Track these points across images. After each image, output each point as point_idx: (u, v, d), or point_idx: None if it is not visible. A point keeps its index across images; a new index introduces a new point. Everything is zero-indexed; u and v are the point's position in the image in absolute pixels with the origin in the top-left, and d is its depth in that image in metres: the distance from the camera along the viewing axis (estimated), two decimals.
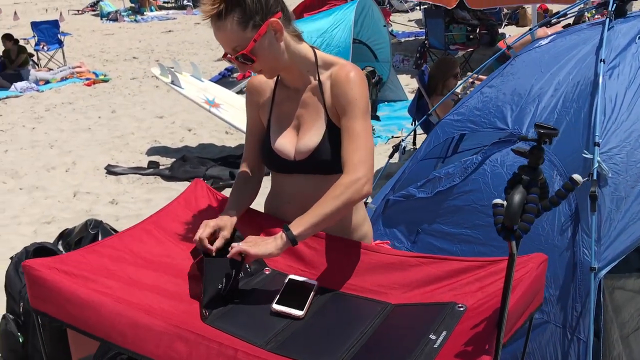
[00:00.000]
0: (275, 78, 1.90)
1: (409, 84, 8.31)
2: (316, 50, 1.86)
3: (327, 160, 1.80)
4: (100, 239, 3.90)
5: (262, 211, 2.01)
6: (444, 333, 1.44)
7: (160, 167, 5.70)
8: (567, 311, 2.20)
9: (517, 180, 1.29)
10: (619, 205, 2.20)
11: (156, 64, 7.42)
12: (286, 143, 1.85)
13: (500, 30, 10.49)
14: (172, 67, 5.90)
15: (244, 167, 1.99)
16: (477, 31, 9.93)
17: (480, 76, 5.65)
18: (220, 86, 6.35)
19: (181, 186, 5.33)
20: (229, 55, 1.73)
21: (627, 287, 2.40)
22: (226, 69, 9.15)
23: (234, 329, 1.51)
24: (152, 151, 6.25)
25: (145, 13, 18.12)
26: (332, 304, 1.64)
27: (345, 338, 1.48)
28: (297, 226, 1.65)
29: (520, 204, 1.22)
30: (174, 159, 5.87)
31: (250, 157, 1.98)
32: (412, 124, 5.42)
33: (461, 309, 1.53)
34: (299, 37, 1.81)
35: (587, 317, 2.15)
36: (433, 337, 1.43)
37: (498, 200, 1.29)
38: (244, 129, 2.06)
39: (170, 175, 5.50)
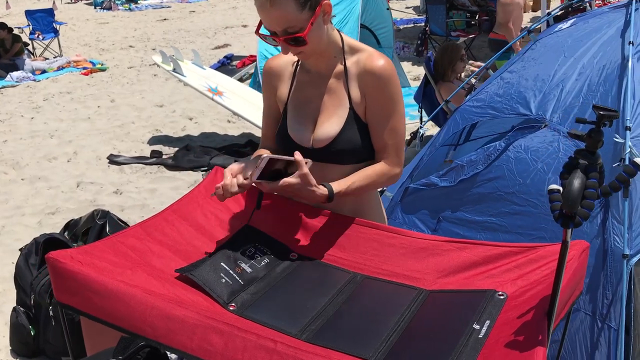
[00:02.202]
0: (294, 59, 1.84)
1: (410, 71, 8.24)
2: (342, 35, 1.80)
3: (345, 150, 1.75)
4: (107, 229, 3.85)
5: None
6: (488, 322, 1.39)
7: (164, 157, 5.63)
8: (597, 299, 2.16)
9: (573, 164, 1.24)
10: None
11: (155, 52, 7.32)
12: (304, 129, 1.79)
13: None
14: (173, 55, 5.80)
15: (262, 150, 1.95)
16: (477, 17, 9.86)
17: (476, 62, 5.62)
18: (222, 74, 6.26)
19: (185, 175, 5.27)
20: (269, 36, 1.66)
21: None
22: (225, 57, 9.04)
23: (265, 319, 1.46)
24: (154, 140, 6.17)
25: (139, 1, 17.92)
26: (364, 289, 1.59)
27: (382, 326, 1.43)
28: (336, 186, 1.69)
29: (580, 190, 1.17)
30: (176, 148, 5.80)
31: (270, 139, 1.93)
32: (418, 111, 5.36)
33: (502, 297, 1.48)
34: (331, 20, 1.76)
35: (618, 305, 2.11)
36: (477, 326, 1.38)
37: (554, 186, 1.24)
38: (248, 117, 2.03)
39: (174, 165, 5.43)
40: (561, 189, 1.22)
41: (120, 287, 1.41)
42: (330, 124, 1.75)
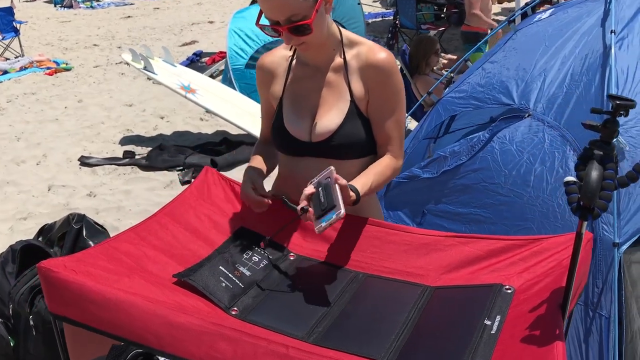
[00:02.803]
0: (289, 55, 1.81)
1: None
2: (340, 28, 1.77)
3: (344, 144, 1.72)
4: (85, 233, 3.74)
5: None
6: (499, 318, 1.38)
7: (137, 157, 5.51)
8: (588, 288, 2.17)
9: (588, 155, 1.22)
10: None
11: (123, 50, 7.17)
12: (301, 122, 1.75)
13: None
14: (144, 53, 5.68)
15: (261, 143, 1.94)
16: (445, 10, 9.90)
17: (447, 55, 5.64)
18: (193, 71, 6.16)
19: (160, 176, 5.17)
20: (271, 26, 1.62)
21: None
22: (194, 54, 8.91)
23: (269, 323, 1.42)
24: (125, 140, 6.04)
25: None
26: (367, 288, 1.57)
27: (390, 325, 1.40)
28: (360, 188, 1.63)
29: (598, 181, 1.15)
30: (150, 148, 5.69)
31: (268, 135, 1.90)
32: None
33: (509, 291, 1.47)
34: None
35: (609, 293, 2.12)
36: (488, 322, 1.36)
37: (570, 178, 1.22)
38: (222, 114, 2.00)
39: (148, 165, 5.32)
40: (577, 180, 1.21)
41: (119, 295, 1.36)
42: (331, 117, 1.72)
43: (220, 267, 1.58)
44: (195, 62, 8.55)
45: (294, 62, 1.80)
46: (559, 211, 2.28)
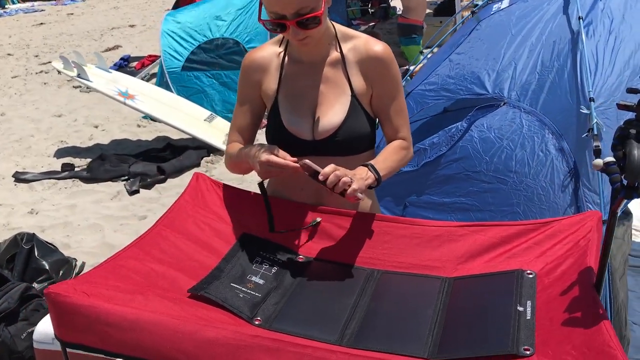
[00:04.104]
0: (279, 51, 1.75)
1: None
2: (333, 22, 1.74)
3: (348, 140, 1.70)
4: (36, 253, 3.53)
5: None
6: (529, 303, 1.39)
7: (76, 169, 5.24)
8: None
9: (625, 135, 1.24)
10: None
11: (55, 58, 6.81)
12: (303, 122, 1.71)
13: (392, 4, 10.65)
14: (75, 60, 5.40)
15: (236, 144, 1.82)
16: (370, 5, 10.02)
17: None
18: (129, 76, 5.93)
19: (105, 187, 4.94)
20: (276, 21, 1.56)
21: (617, 235, 2.50)
22: (122, 59, 8.59)
23: (297, 330, 1.37)
24: (61, 153, 5.73)
25: (6, 6, 16.63)
26: (386, 285, 1.54)
27: (421, 320, 1.39)
28: (380, 169, 1.61)
29: None
30: (89, 159, 5.43)
31: (247, 136, 1.82)
32: None
33: (531, 275, 1.48)
34: None
35: None
36: (520, 308, 1.37)
37: (609, 159, 1.24)
38: (166, 119, 1.90)
39: (90, 177, 5.07)
40: (615, 160, 1.23)
41: (140, 314, 1.27)
42: (333, 114, 1.68)
43: (232, 283, 1.52)
44: (124, 67, 8.24)
45: (286, 58, 1.75)
46: (543, 194, 2.35)
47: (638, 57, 2.37)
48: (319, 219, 1.69)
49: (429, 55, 3.54)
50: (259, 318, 1.41)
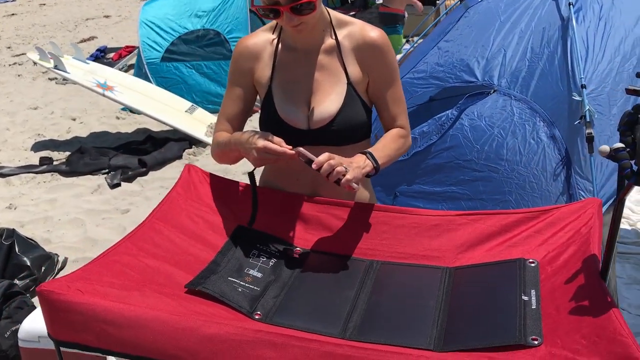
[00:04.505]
0: (272, 38, 1.71)
1: None
2: (327, 8, 1.69)
3: (344, 129, 1.66)
4: (17, 249, 3.44)
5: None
6: (534, 292, 1.37)
7: (55, 163, 5.13)
8: None
9: (633, 120, 1.22)
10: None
11: (31, 49, 6.65)
12: (297, 111, 1.67)
13: None
14: (52, 51, 5.27)
15: (223, 133, 1.76)
16: None
17: None
18: (107, 67, 5.81)
19: (85, 181, 4.84)
20: (269, 7, 1.52)
21: (604, 222, 2.50)
22: (98, 50, 8.42)
23: (299, 323, 1.34)
24: (38, 146, 5.61)
25: None
26: (386, 276, 1.52)
27: (424, 311, 1.36)
28: (379, 157, 1.57)
29: None
30: (67, 153, 5.31)
31: (236, 126, 1.77)
32: None
33: (533, 264, 1.46)
34: None
35: None
36: (525, 298, 1.35)
37: (619, 144, 1.22)
38: (146, 111, 1.84)
39: (70, 171, 4.96)
40: (625, 146, 1.21)
41: (139, 311, 1.23)
42: (330, 102, 1.64)
43: (230, 278, 1.48)
44: (101, 58, 8.08)
45: (280, 46, 1.70)
46: (535, 182, 2.34)
47: (628, 43, 2.36)
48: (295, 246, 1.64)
49: (415, 45, 3.51)
50: (259, 312, 1.38)
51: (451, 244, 1.59)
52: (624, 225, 3.24)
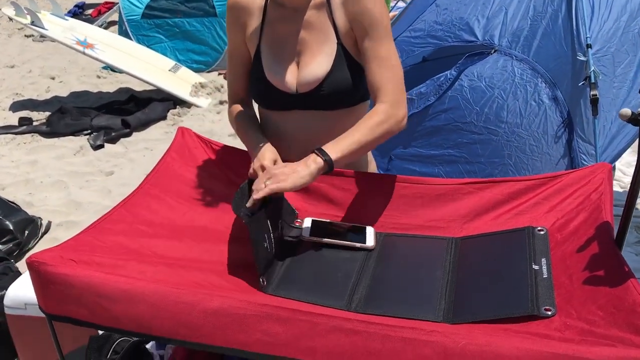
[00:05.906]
0: None
1: None
2: None
3: (334, 93, 1.54)
4: None
5: None
6: (544, 260, 1.32)
7: (35, 123, 4.97)
8: None
9: None
10: (610, 108, 2.21)
11: (5, 4, 6.38)
12: (285, 73, 1.56)
13: None
14: (28, 6, 5.06)
15: (238, 107, 1.68)
16: None
17: None
18: (87, 24, 5.60)
19: (67, 142, 4.71)
20: None
21: None
22: (76, 6, 8.13)
23: (305, 296, 1.28)
24: (17, 106, 5.43)
25: None
26: (390, 248, 1.46)
27: (431, 283, 1.31)
28: (333, 150, 1.40)
29: None
30: (47, 113, 5.15)
31: (242, 93, 1.69)
32: None
33: (542, 232, 1.41)
34: None
35: None
36: (536, 267, 1.30)
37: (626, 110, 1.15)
38: (129, 70, 1.74)
39: (50, 132, 4.82)
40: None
41: (136, 284, 1.16)
42: (318, 64, 1.52)
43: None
44: (79, 15, 7.80)
45: (268, 3, 1.59)
46: (535, 145, 2.28)
47: (635, 1, 2.28)
48: (296, 212, 1.56)
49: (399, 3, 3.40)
50: (265, 277, 1.31)
51: (456, 214, 1.53)
52: (615, 187, 3.22)
